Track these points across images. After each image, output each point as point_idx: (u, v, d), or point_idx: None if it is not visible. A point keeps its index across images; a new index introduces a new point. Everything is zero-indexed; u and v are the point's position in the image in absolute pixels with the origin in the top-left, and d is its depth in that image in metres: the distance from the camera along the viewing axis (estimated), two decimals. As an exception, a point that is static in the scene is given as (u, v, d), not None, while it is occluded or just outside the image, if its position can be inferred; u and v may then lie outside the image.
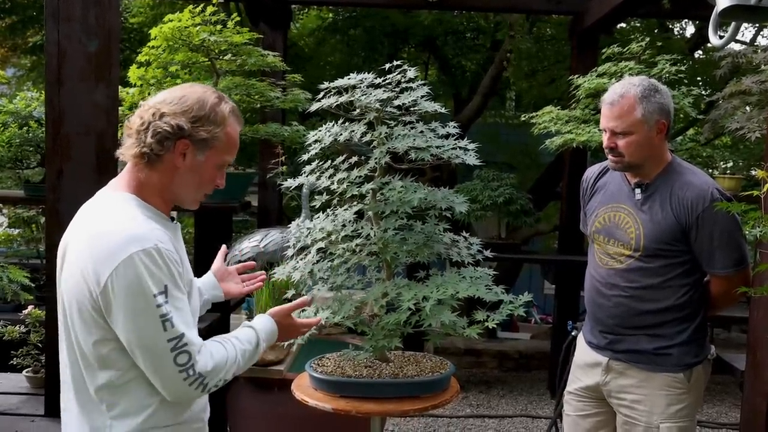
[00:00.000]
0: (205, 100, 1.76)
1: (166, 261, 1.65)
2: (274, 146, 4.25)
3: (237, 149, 1.85)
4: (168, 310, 1.63)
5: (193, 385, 1.66)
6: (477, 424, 5.26)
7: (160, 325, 1.62)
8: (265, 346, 1.89)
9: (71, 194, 2.60)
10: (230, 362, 1.74)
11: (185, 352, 1.64)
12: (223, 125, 1.77)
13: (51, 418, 2.64)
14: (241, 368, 1.80)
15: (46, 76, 2.61)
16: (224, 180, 1.87)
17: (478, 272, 2.13)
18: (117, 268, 1.61)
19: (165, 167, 1.75)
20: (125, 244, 1.62)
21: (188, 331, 1.66)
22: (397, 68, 2.15)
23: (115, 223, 1.68)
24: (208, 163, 1.78)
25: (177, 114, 1.73)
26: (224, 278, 2.22)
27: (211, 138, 1.75)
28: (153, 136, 1.71)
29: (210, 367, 1.68)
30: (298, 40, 8.66)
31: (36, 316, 3.19)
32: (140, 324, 1.62)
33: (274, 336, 1.93)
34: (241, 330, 1.87)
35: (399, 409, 2.06)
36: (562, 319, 5.60)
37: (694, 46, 8.26)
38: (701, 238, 2.50)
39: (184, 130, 1.72)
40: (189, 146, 1.74)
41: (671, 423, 2.56)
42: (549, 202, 8.42)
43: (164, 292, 1.63)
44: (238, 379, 3.30)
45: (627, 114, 2.53)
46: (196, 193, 1.85)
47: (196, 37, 3.73)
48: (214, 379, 1.70)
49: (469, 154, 2.10)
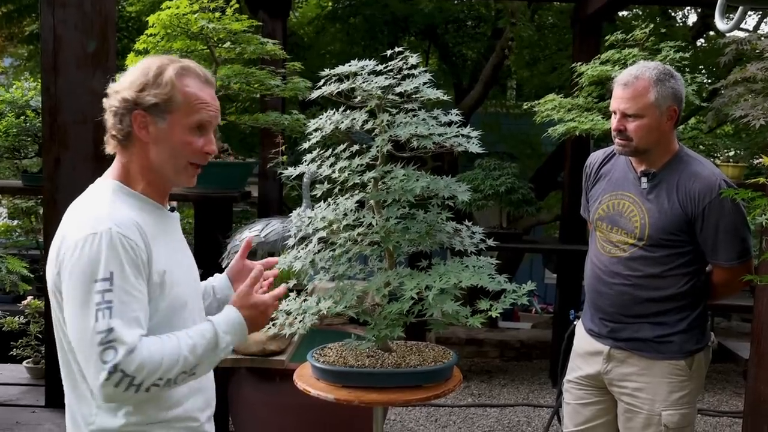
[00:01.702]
0: (149, 67, 1.73)
1: (117, 247, 1.58)
2: (275, 135, 4.23)
3: (209, 107, 1.76)
4: (105, 299, 1.54)
5: (120, 386, 1.52)
6: (479, 413, 5.26)
7: (93, 314, 1.53)
8: (231, 339, 1.72)
9: (69, 183, 2.58)
10: (169, 359, 1.58)
11: (111, 348, 1.52)
12: (171, 86, 1.71)
13: (51, 409, 2.63)
14: (196, 366, 1.65)
15: (41, 63, 2.58)
16: (212, 144, 1.79)
17: (481, 261, 2.10)
18: (68, 249, 1.59)
19: (137, 146, 1.74)
20: (82, 227, 1.61)
21: (123, 326, 1.54)
22: (399, 55, 2.12)
23: (82, 208, 1.68)
24: (173, 128, 1.72)
25: (124, 88, 1.72)
26: (241, 277, 2.07)
27: (162, 102, 1.70)
28: (110, 116, 1.73)
29: (140, 365, 1.53)
30: (297, 29, 8.62)
31: (35, 307, 3.18)
32: (75, 309, 1.57)
33: (237, 324, 1.76)
34: (199, 324, 1.74)
35: (402, 399, 2.04)
36: (564, 309, 5.59)
37: (696, 34, 8.22)
38: (707, 229, 2.49)
39: (130, 102, 1.70)
40: (145, 116, 1.71)
41: (673, 410, 2.56)
42: (550, 191, 8.41)
43: (108, 279, 1.56)
44: (239, 369, 3.29)
45: (640, 96, 2.50)
46: (176, 164, 1.76)
47: (195, 25, 3.70)
48: (149, 379, 1.55)
49: (472, 141, 2.07)
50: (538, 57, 8.62)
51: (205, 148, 1.77)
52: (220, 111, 1.83)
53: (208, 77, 1.80)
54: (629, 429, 2.65)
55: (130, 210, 1.69)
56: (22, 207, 5.19)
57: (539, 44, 8.42)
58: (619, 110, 2.55)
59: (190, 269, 1.90)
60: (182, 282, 1.80)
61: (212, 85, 1.81)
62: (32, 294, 3.38)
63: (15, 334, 3.24)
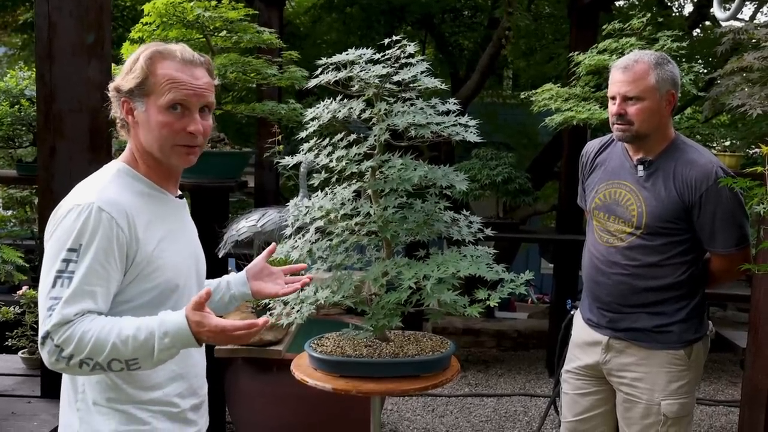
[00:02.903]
0: (133, 55, 1.80)
1: (93, 221, 1.63)
2: (271, 125, 4.21)
3: (183, 86, 1.74)
4: (67, 269, 1.61)
5: (52, 356, 1.59)
6: (476, 402, 5.27)
7: (52, 279, 1.61)
8: (168, 342, 1.63)
9: (64, 172, 2.56)
10: (97, 343, 1.58)
11: (53, 315, 1.58)
12: (144, 69, 1.74)
13: (47, 399, 2.62)
14: (129, 357, 1.61)
15: (36, 51, 2.55)
16: (196, 124, 1.76)
17: (479, 251, 2.10)
18: (55, 217, 1.68)
19: (132, 131, 1.81)
20: (70, 199, 1.69)
21: (70, 298, 1.59)
22: (396, 43, 2.10)
23: (79, 186, 1.76)
24: (149, 110, 1.75)
25: (116, 77, 1.82)
26: (261, 276, 2.07)
27: (136, 86, 1.74)
28: (114, 105, 1.81)
29: (67, 339, 1.57)
30: (293, 18, 8.58)
31: (31, 297, 3.16)
32: (43, 274, 1.65)
33: (180, 331, 1.63)
34: (150, 317, 1.67)
35: (399, 389, 2.04)
36: (561, 298, 5.60)
37: (693, 24, 8.20)
38: (704, 216, 2.49)
39: (115, 89, 1.78)
40: (129, 102, 1.77)
41: (672, 400, 2.57)
42: (547, 181, 8.40)
43: (76, 250, 1.62)
44: (237, 359, 3.29)
45: (641, 78, 2.50)
46: (161, 146, 1.76)
47: (191, 13, 3.68)
48: (77, 355, 1.58)
49: (470, 130, 2.07)
50: (535, 47, 8.61)
51: (189, 128, 1.76)
52: (211, 90, 1.81)
53: (187, 57, 1.78)
54: (628, 419, 2.65)
55: (124, 191, 1.73)
56: (17, 197, 5.16)
57: (536, 34, 8.40)
58: (619, 94, 2.54)
59: (190, 257, 1.91)
60: (176, 267, 1.80)
61: (196, 65, 1.79)
62: (27, 284, 3.37)
63: (10, 324, 3.23)
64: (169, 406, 1.80)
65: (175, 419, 1.82)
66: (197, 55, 1.81)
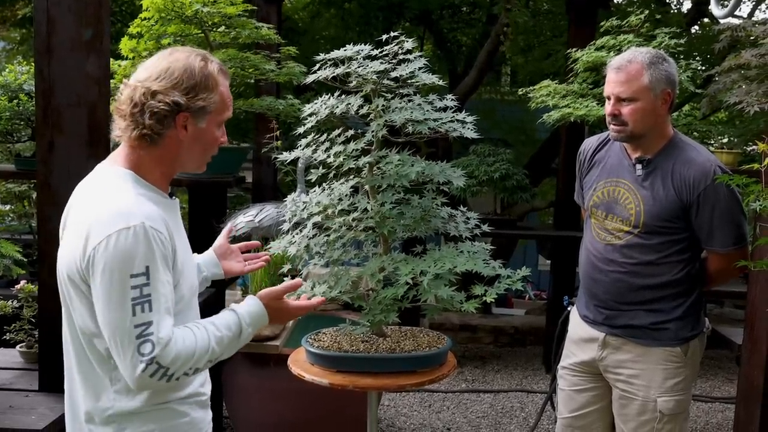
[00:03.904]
0: (192, 67, 1.71)
1: (151, 241, 1.60)
2: (269, 120, 4.21)
3: (232, 101, 1.84)
4: (143, 294, 1.58)
5: (155, 377, 1.59)
6: (472, 398, 5.28)
7: (130, 307, 1.57)
8: (252, 330, 1.80)
9: (63, 168, 2.56)
10: (200, 351, 1.66)
11: (149, 341, 1.57)
12: (216, 88, 1.74)
13: (45, 393, 2.62)
14: (220, 355, 1.73)
15: (35, 45, 2.55)
16: (225, 135, 1.85)
17: (476, 247, 2.11)
18: (100, 243, 1.59)
19: (168, 142, 1.73)
20: (113, 220, 1.60)
21: (160, 319, 1.60)
22: (394, 40, 2.11)
23: (107, 199, 1.66)
24: (209, 127, 1.76)
25: (168, 90, 1.68)
26: (226, 256, 2.19)
27: (208, 105, 1.73)
28: (150, 117, 1.67)
29: (174, 358, 1.60)
30: (292, 14, 8.58)
31: (29, 291, 3.16)
32: (111, 303, 1.59)
33: (262, 320, 1.84)
34: (223, 314, 1.78)
35: (396, 384, 2.05)
36: (558, 295, 5.61)
37: (691, 21, 8.20)
38: (702, 215, 2.49)
39: (181, 105, 1.68)
40: (188, 118, 1.71)
41: (668, 397, 2.57)
42: (545, 178, 8.41)
43: (145, 273, 1.59)
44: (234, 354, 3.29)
45: (634, 79, 2.49)
46: (203, 158, 1.83)
47: (189, 9, 3.68)
48: (181, 369, 1.62)
49: (467, 127, 2.07)
50: (533, 43, 8.60)
51: (222, 139, 1.83)
52: None
53: (226, 70, 1.83)
54: (624, 416, 2.65)
55: (151, 203, 1.70)
56: (15, 191, 5.15)
57: (534, 30, 8.39)
58: (613, 95, 2.54)
59: (192, 255, 1.95)
60: (191, 270, 1.87)
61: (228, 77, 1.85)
62: (25, 278, 3.37)
63: (8, 318, 3.23)
64: (198, 395, 1.86)
65: (203, 406, 1.88)
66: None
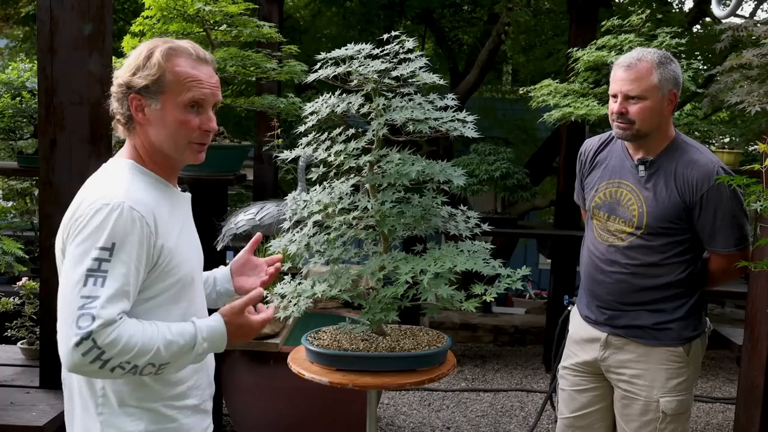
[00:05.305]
0: (141, 50, 1.76)
1: (126, 221, 1.61)
2: (270, 119, 4.21)
3: (201, 84, 1.77)
4: (100, 268, 1.57)
5: (87, 356, 1.52)
6: (472, 397, 5.29)
7: (83, 277, 1.56)
8: (207, 346, 1.72)
9: (65, 165, 2.57)
10: (143, 346, 1.58)
11: (90, 315, 1.52)
12: (159, 66, 1.72)
13: (46, 390, 2.63)
14: (166, 363, 1.65)
15: (38, 44, 2.56)
16: (211, 122, 1.80)
17: (476, 246, 2.10)
18: (81, 215, 1.63)
19: (138, 128, 1.78)
20: (98, 199, 1.64)
21: (109, 298, 1.56)
22: (395, 39, 2.11)
23: (100, 183, 1.72)
24: (166, 108, 1.74)
25: (121, 74, 1.77)
26: (245, 271, 2.12)
27: (152, 83, 1.72)
28: (113, 101, 1.78)
29: (113, 341, 1.54)
30: (293, 13, 8.58)
31: (30, 288, 3.17)
32: (68, 271, 1.59)
33: (220, 336, 1.75)
34: (182, 323, 1.72)
35: (396, 383, 2.05)
36: (558, 294, 5.62)
37: (692, 21, 8.20)
38: (704, 216, 2.49)
39: (124, 85, 1.74)
40: (140, 99, 1.74)
41: (671, 397, 2.57)
42: (545, 176, 8.41)
43: (109, 249, 1.58)
44: (234, 351, 3.30)
45: (644, 78, 2.49)
46: (175, 143, 1.78)
47: (191, 7, 3.69)
48: (118, 357, 1.55)
49: (468, 126, 2.07)
50: (534, 42, 8.59)
51: (203, 126, 1.79)
52: (219, 87, 1.84)
53: (200, 55, 1.80)
54: (626, 416, 2.65)
55: (145, 189, 1.72)
56: (17, 188, 5.16)
57: (535, 29, 8.39)
58: (621, 92, 2.53)
59: (197, 250, 1.94)
60: (191, 261, 1.84)
61: (207, 63, 1.82)
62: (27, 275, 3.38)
63: (10, 314, 3.24)
64: (191, 399, 1.83)
65: (197, 411, 1.86)
66: (207, 52, 1.83)
